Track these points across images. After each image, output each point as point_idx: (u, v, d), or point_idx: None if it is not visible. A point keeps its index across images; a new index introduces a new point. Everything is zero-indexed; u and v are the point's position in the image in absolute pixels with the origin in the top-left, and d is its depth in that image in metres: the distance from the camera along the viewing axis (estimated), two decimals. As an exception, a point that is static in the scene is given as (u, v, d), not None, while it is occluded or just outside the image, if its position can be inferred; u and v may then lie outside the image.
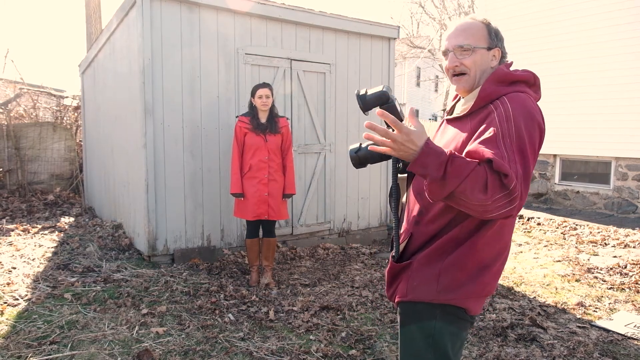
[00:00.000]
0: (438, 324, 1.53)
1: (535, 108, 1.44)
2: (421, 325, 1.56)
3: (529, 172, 1.34)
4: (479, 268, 1.50)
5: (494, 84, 1.49)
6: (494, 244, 1.50)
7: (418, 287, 1.54)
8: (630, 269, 4.83)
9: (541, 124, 1.43)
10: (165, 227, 4.68)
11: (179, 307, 3.64)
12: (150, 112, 4.53)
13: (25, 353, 2.82)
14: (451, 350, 1.56)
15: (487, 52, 1.54)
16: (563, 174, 8.68)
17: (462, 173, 1.25)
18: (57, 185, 8.44)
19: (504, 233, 1.53)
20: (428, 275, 1.52)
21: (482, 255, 1.49)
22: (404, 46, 22.77)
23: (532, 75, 1.54)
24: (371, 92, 1.57)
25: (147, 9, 4.44)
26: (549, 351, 3.08)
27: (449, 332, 1.55)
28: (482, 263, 1.50)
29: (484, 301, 1.61)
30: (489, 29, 1.56)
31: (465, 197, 1.27)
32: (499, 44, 1.56)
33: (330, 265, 5.02)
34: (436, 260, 1.51)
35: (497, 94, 1.47)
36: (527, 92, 1.50)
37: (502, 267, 1.58)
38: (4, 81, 10.67)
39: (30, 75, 28.87)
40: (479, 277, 1.50)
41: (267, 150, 4.19)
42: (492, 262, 1.52)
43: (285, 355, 2.96)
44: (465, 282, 1.50)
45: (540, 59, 8.31)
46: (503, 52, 1.59)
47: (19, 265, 4.39)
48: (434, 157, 1.27)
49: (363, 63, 5.90)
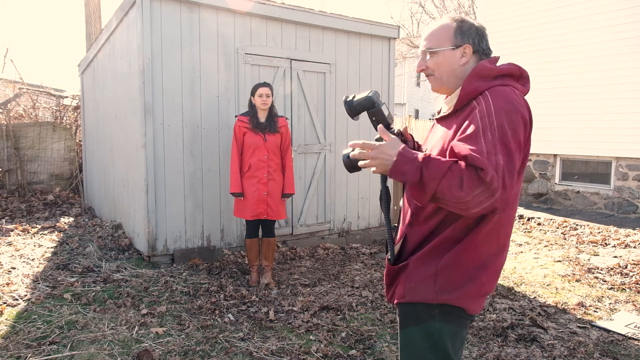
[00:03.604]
0: (437, 324, 1.53)
1: (519, 100, 1.43)
2: (420, 326, 1.56)
3: (514, 164, 1.33)
4: (476, 267, 1.50)
5: (475, 80, 1.49)
6: (491, 242, 1.50)
7: (415, 287, 1.54)
8: (631, 269, 4.83)
9: (525, 116, 1.42)
10: (165, 227, 4.68)
11: (179, 307, 3.63)
12: (150, 112, 4.53)
13: (24, 353, 2.82)
14: (451, 349, 1.55)
15: (453, 52, 1.55)
16: (563, 174, 8.67)
17: (438, 174, 1.30)
18: (57, 185, 8.43)
19: (502, 231, 1.52)
20: (425, 276, 1.52)
21: (479, 254, 1.49)
22: (404, 46, 22.76)
23: (516, 68, 1.53)
24: (358, 97, 1.62)
25: (147, 9, 4.43)
26: (549, 351, 3.08)
27: (448, 332, 1.54)
28: (480, 262, 1.50)
29: (483, 300, 1.60)
30: (456, 27, 1.57)
31: (445, 196, 1.30)
32: (468, 41, 1.55)
33: (330, 265, 5.01)
34: (432, 260, 1.51)
35: (479, 89, 1.47)
36: (513, 85, 1.49)
37: (501, 266, 1.57)
38: (4, 81, 10.67)
39: (30, 75, 28.92)
40: (477, 276, 1.50)
41: (266, 149, 4.18)
42: (489, 260, 1.52)
43: (285, 356, 2.96)
44: (463, 281, 1.49)
45: (540, 59, 8.31)
46: (479, 47, 1.56)
47: (18, 265, 4.38)
48: (409, 163, 1.34)
49: (363, 63, 5.90)
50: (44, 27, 50.38)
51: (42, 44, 45.78)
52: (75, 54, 46.45)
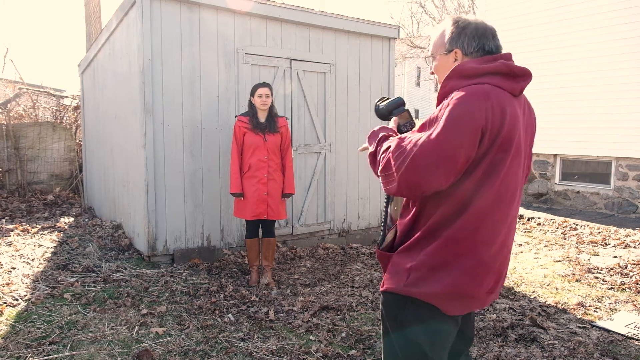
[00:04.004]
0: (409, 317, 1.58)
1: (480, 95, 1.42)
2: (392, 316, 1.64)
3: (428, 149, 1.40)
4: (448, 266, 1.50)
5: (454, 79, 1.53)
6: (466, 243, 1.49)
7: (391, 278, 1.61)
8: (631, 269, 4.83)
9: (475, 109, 1.40)
10: (165, 227, 4.67)
11: (179, 307, 3.63)
12: (150, 112, 4.53)
13: (24, 353, 2.82)
14: (428, 348, 1.58)
15: (447, 56, 1.63)
16: (563, 174, 8.67)
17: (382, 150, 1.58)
18: (57, 185, 8.43)
19: (479, 233, 1.49)
20: (402, 269, 1.58)
21: (451, 253, 1.50)
22: (404, 46, 22.76)
23: (503, 66, 1.52)
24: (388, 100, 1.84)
25: (147, 9, 4.43)
26: (549, 351, 3.08)
27: (423, 329, 1.57)
28: (453, 262, 1.50)
29: (466, 302, 1.57)
30: (450, 32, 1.62)
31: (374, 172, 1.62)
32: (457, 45, 1.60)
33: (330, 265, 5.01)
34: (412, 254, 1.56)
35: (454, 88, 1.51)
36: (498, 83, 1.48)
37: (480, 268, 1.52)
38: (4, 81, 10.67)
39: (30, 75, 28.91)
40: (447, 276, 1.50)
41: (266, 149, 4.18)
42: (461, 260, 1.50)
43: (285, 356, 2.96)
44: (431, 278, 1.52)
45: (540, 59, 8.31)
46: (467, 50, 1.59)
47: (18, 265, 4.38)
48: (372, 137, 1.73)
49: (363, 63, 5.90)
50: (44, 27, 50.39)
51: (42, 44, 45.80)
52: (75, 54, 46.46)
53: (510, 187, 1.51)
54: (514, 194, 1.55)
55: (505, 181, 1.48)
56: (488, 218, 1.49)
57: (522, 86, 1.53)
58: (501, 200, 1.50)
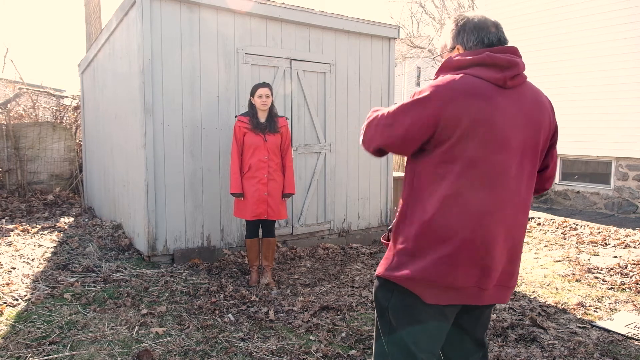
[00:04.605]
0: (392, 302, 1.63)
1: (443, 85, 1.51)
2: (377, 299, 1.70)
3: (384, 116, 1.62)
4: (422, 252, 1.55)
5: (443, 71, 1.62)
6: (439, 231, 1.52)
7: (381, 263, 1.70)
8: (631, 269, 4.83)
9: (433, 93, 1.50)
10: (165, 227, 4.68)
11: (179, 307, 3.63)
12: (150, 112, 4.53)
13: (24, 353, 2.81)
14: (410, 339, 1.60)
15: (450, 53, 1.70)
16: (563, 174, 8.68)
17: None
18: (57, 185, 8.43)
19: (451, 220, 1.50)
20: (389, 254, 1.66)
21: (427, 240, 1.54)
22: (404, 46, 22.75)
23: (487, 57, 1.54)
24: None
25: (147, 9, 4.43)
26: (549, 351, 3.08)
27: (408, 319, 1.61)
28: (424, 248, 1.54)
29: (450, 294, 1.56)
30: (453, 30, 1.70)
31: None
32: (458, 42, 1.68)
33: (330, 265, 5.01)
34: (398, 240, 1.63)
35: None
36: (479, 74, 1.52)
37: (458, 256, 1.51)
38: (4, 81, 10.67)
39: (30, 75, 28.90)
40: (420, 260, 1.54)
41: (266, 149, 4.18)
42: (437, 248, 1.52)
43: (285, 356, 2.96)
44: (408, 263, 1.57)
45: (540, 59, 8.31)
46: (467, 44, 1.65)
47: (18, 265, 4.38)
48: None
49: (363, 63, 5.90)
50: (44, 27, 50.39)
51: (42, 44, 45.79)
52: (75, 54, 46.44)
53: (491, 179, 1.50)
54: (503, 188, 1.52)
55: (481, 171, 1.49)
56: (464, 208, 1.50)
57: (507, 76, 1.53)
58: (476, 190, 1.50)
